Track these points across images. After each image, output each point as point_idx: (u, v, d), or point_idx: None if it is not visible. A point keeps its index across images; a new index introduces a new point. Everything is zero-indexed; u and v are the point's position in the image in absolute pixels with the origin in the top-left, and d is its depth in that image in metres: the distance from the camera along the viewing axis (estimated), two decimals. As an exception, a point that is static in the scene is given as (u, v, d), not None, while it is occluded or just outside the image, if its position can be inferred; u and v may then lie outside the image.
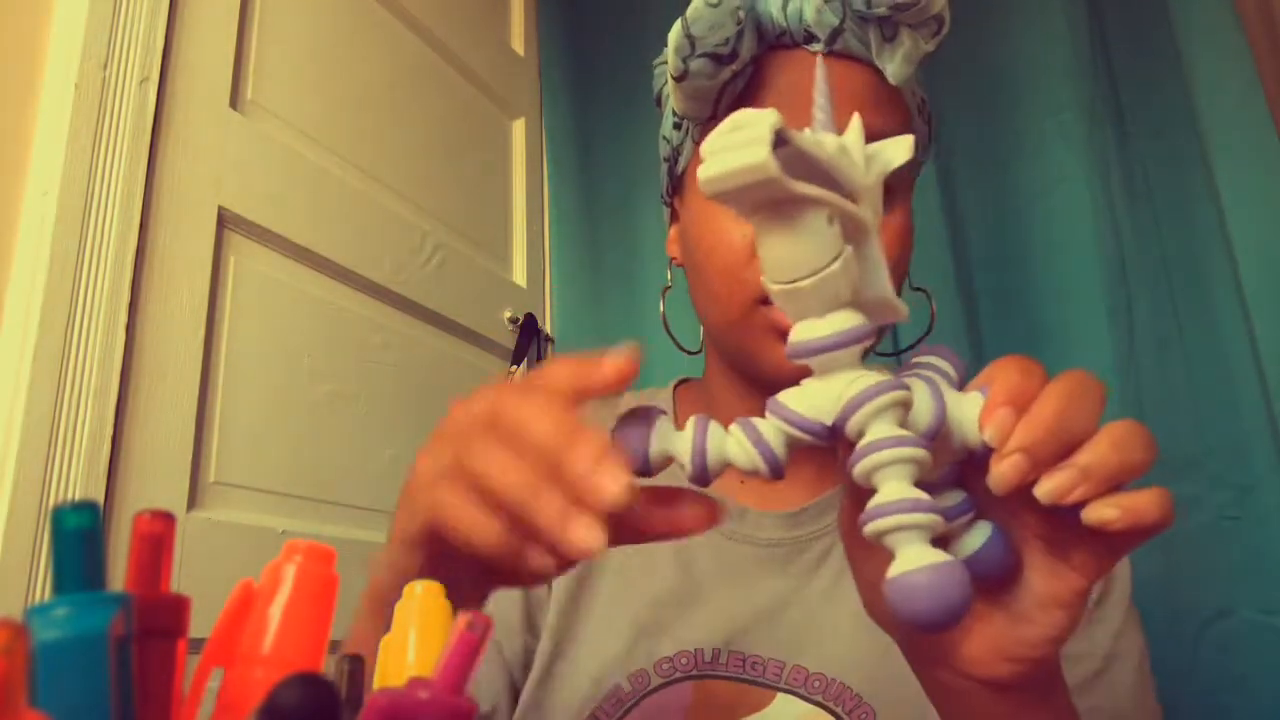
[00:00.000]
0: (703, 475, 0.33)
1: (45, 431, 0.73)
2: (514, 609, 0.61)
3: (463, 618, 0.23)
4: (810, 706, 0.56)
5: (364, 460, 1.07)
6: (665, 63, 0.55)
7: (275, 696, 0.20)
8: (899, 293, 0.57)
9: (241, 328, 0.94)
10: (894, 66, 0.54)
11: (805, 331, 0.32)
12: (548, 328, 1.46)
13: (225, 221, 0.94)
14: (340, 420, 1.04)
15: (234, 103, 0.97)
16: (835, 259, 0.30)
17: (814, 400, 0.32)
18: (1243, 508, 1.03)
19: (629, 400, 0.68)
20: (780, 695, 0.57)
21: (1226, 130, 1.07)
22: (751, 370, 0.59)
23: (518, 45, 1.54)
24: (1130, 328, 1.09)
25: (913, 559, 0.29)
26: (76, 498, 0.71)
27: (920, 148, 0.61)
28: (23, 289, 0.75)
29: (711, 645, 0.59)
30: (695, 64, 0.53)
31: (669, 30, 0.53)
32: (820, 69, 0.36)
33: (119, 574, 0.23)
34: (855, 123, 0.35)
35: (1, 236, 0.75)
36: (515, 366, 1.34)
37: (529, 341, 1.37)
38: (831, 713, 0.56)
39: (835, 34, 0.54)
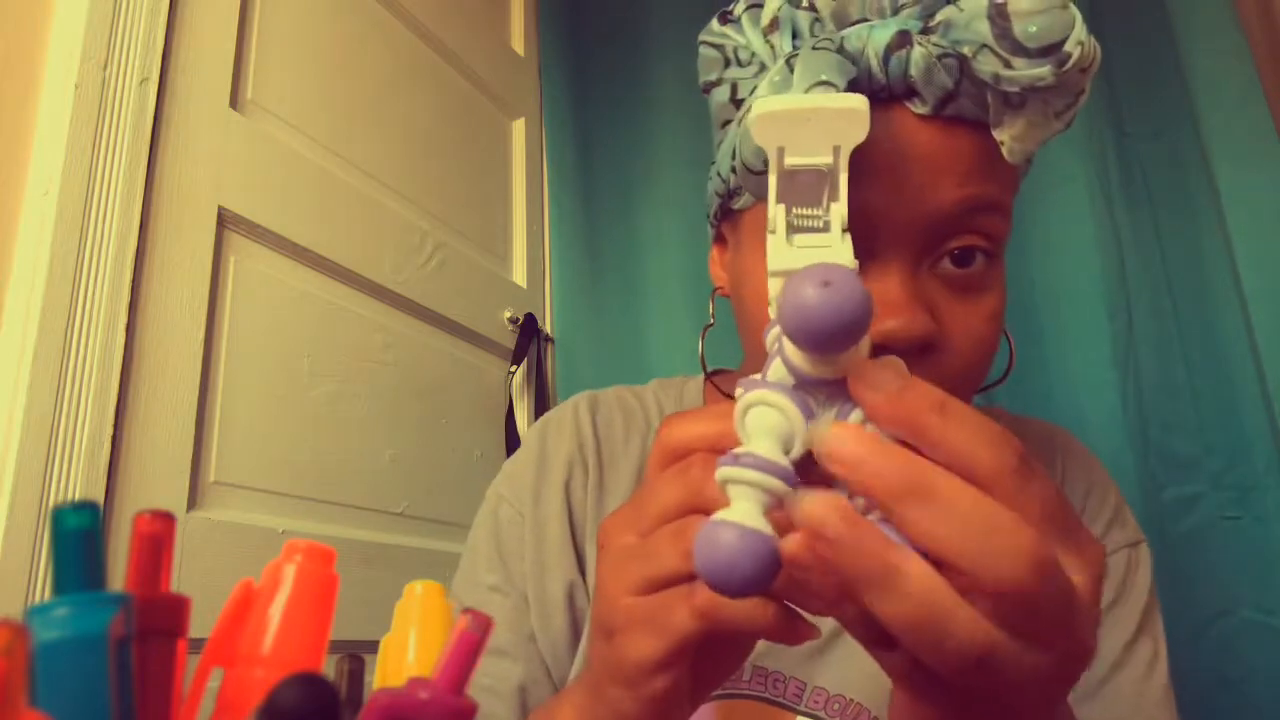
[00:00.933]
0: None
1: (45, 431, 0.73)
2: (562, 636, 0.59)
3: (463, 618, 0.23)
4: None
5: (364, 460, 1.07)
6: (712, 46, 0.49)
7: (275, 696, 0.20)
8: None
9: (241, 328, 0.94)
10: (1017, 145, 0.45)
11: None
12: (548, 328, 1.46)
13: (225, 221, 0.94)
14: (340, 420, 1.04)
15: (234, 103, 0.97)
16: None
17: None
18: (1243, 508, 1.03)
19: (654, 391, 0.66)
20: (800, 718, 0.55)
21: (1226, 130, 1.07)
22: None
23: (518, 45, 1.54)
24: (1130, 328, 1.09)
25: (732, 514, 0.28)
26: (76, 498, 0.71)
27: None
28: (23, 289, 0.75)
29: None
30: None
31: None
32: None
33: (119, 574, 0.23)
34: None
35: (1, 236, 0.75)
36: (515, 366, 1.34)
37: (529, 341, 1.37)
38: None
39: (947, 99, 0.44)
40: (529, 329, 1.38)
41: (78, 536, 0.21)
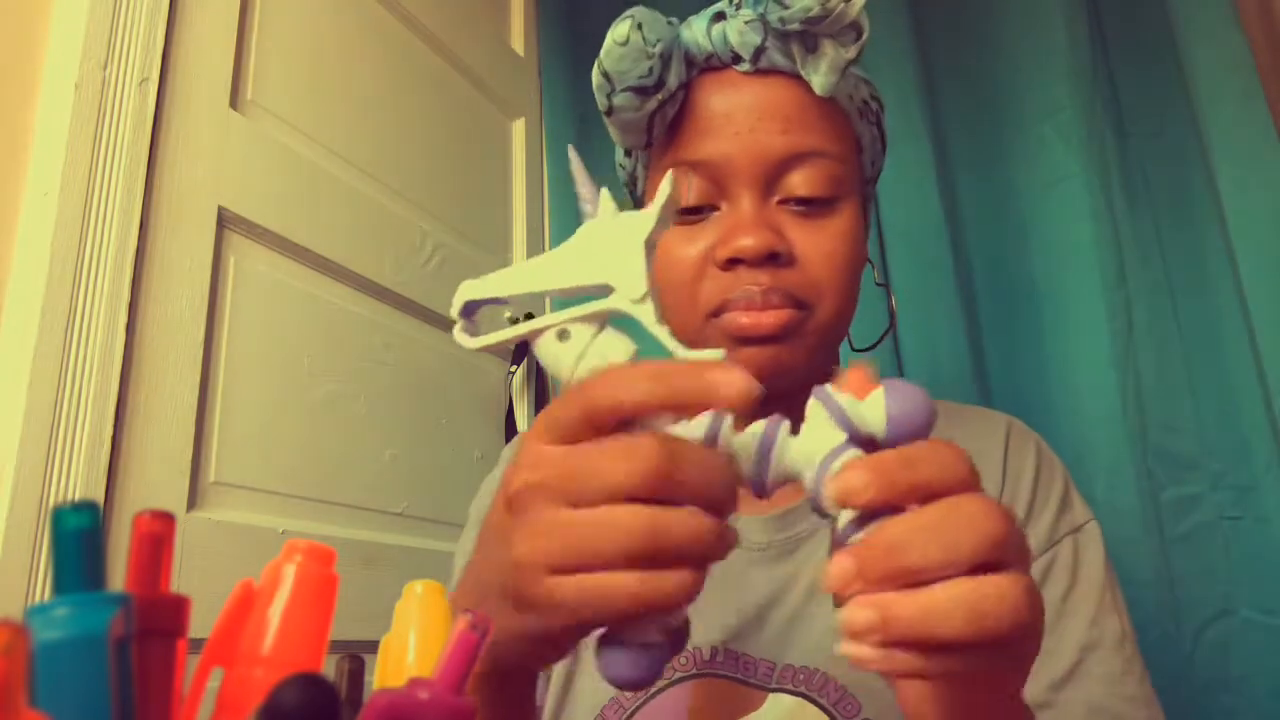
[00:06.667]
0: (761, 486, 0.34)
1: (45, 431, 0.73)
2: None
3: (463, 618, 0.23)
4: (796, 699, 0.56)
5: (364, 460, 1.07)
6: None
7: (275, 696, 0.20)
8: (855, 295, 0.60)
9: (241, 328, 0.94)
10: (819, 78, 0.55)
11: None
12: (548, 328, 1.45)
13: (225, 221, 0.94)
14: (340, 420, 1.04)
15: (234, 103, 0.97)
16: (578, 359, 0.35)
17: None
18: (1243, 508, 1.03)
19: None
20: (771, 695, 0.57)
21: (1226, 130, 1.07)
22: None
23: (518, 45, 1.54)
24: (1130, 327, 1.09)
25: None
26: (76, 498, 0.71)
27: (872, 148, 0.63)
28: (23, 289, 0.75)
29: (709, 644, 0.59)
30: (619, 99, 0.56)
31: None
32: (574, 159, 0.40)
33: (119, 574, 0.23)
34: (603, 195, 0.38)
35: (1, 236, 0.75)
36: (515, 366, 1.34)
37: (529, 341, 1.37)
38: (817, 704, 0.56)
39: (759, 52, 0.56)
40: (529, 329, 1.37)
41: (78, 536, 0.21)
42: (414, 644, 0.29)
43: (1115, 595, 0.59)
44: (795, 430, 0.33)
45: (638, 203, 0.67)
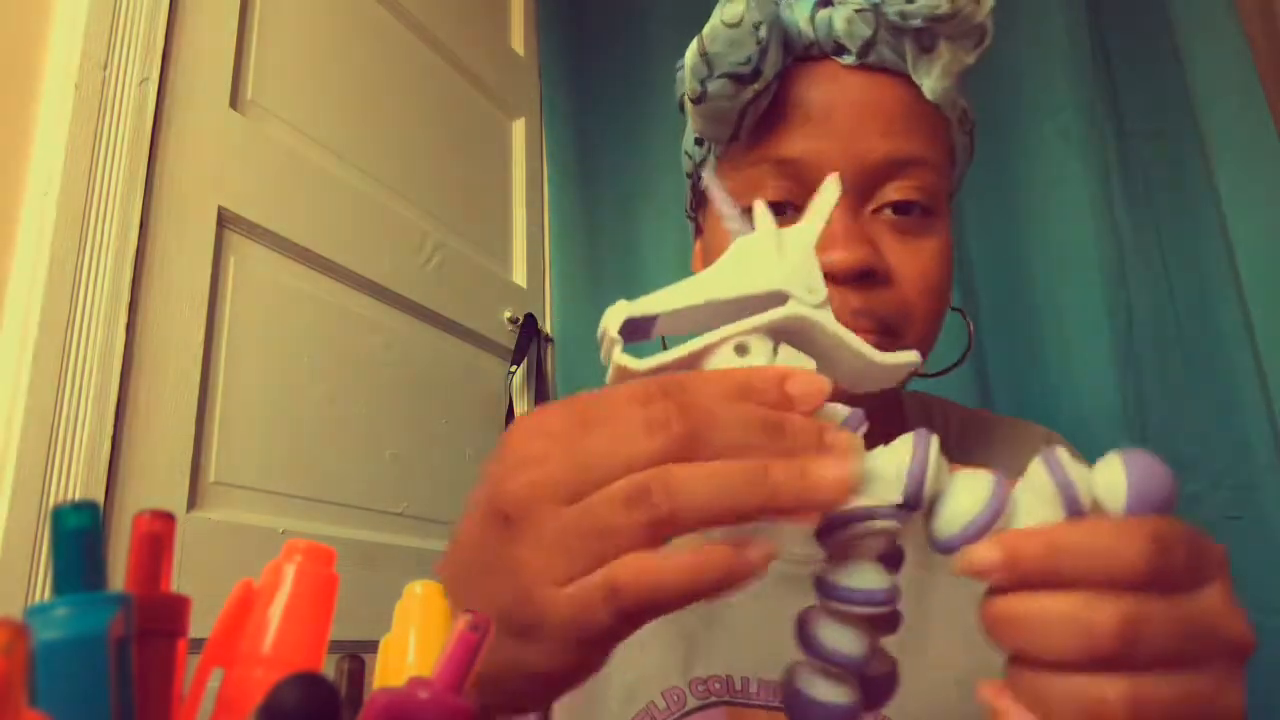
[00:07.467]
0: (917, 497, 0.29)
1: (45, 431, 0.73)
2: None
3: (463, 618, 0.23)
4: None
5: (364, 460, 1.07)
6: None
7: (275, 696, 0.20)
8: (942, 321, 0.55)
9: (241, 328, 0.94)
10: (931, 81, 0.50)
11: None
12: (547, 328, 1.46)
13: (225, 221, 0.94)
14: (340, 420, 1.04)
15: (234, 103, 0.97)
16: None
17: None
18: (1243, 508, 1.03)
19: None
20: None
21: (1226, 130, 1.07)
22: None
23: (518, 45, 1.54)
24: (1130, 328, 1.09)
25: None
26: (76, 498, 0.71)
27: (963, 161, 0.59)
28: (23, 289, 0.75)
29: (741, 674, 0.55)
30: (714, 85, 0.50)
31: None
32: (714, 184, 0.36)
33: (119, 574, 0.23)
34: (760, 209, 0.34)
35: (1, 236, 0.75)
36: (515, 366, 1.34)
37: (529, 341, 1.37)
38: None
39: (867, 46, 0.50)
40: (529, 329, 1.38)
41: (78, 536, 0.21)
42: (414, 644, 0.29)
43: None
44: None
45: (698, 197, 0.62)
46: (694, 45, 0.50)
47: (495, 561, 0.29)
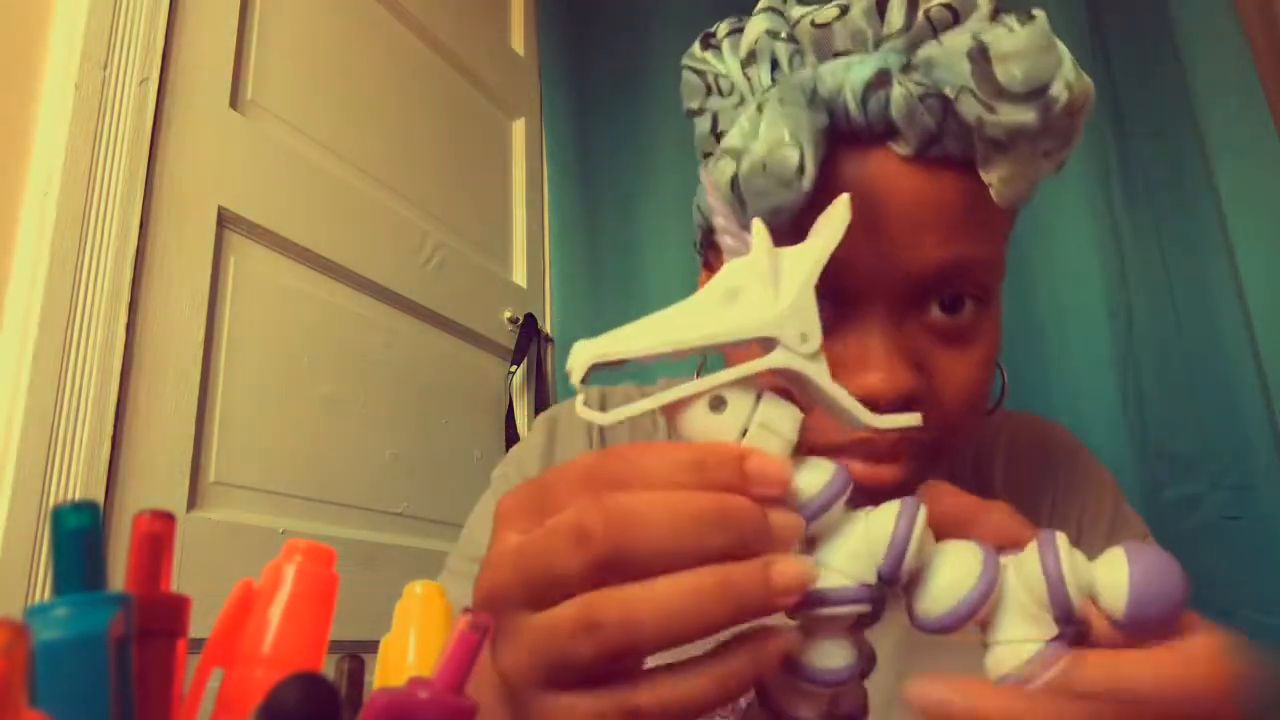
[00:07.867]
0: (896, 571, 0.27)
1: (45, 431, 0.73)
2: None
3: (463, 618, 0.23)
4: None
5: (364, 460, 1.07)
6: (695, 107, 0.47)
7: (275, 696, 0.20)
8: (984, 414, 0.50)
9: (241, 328, 0.94)
10: (1007, 190, 0.42)
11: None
12: (547, 328, 1.46)
13: (225, 221, 0.94)
14: (340, 420, 1.04)
15: (234, 103, 0.97)
16: (741, 435, 0.28)
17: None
18: (1243, 508, 1.03)
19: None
20: None
21: (1226, 130, 1.07)
22: None
23: (518, 45, 1.54)
24: (1130, 328, 1.09)
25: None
26: (76, 498, 0.71)
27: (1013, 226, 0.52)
28: (23, 289, 0.75)
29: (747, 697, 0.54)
30: (746, 215, 0.41)
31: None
32: (760, 232, 0.30)
33: (119, 574, 0.23)
34: (757, 228, 0.30)
35: (1, 236, 0.75)
36: (515, 366, 1.34)
37: (529, 341, 1.37)
38: None
39: (931, 140, 0.41)
40: (529, 329, 1.38)
41: (78, 536, 0.21)
42: (414, 644, 0.29)
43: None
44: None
45: (707, 239, 0.53)
46: (725, 174, 0.41)
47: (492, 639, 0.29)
